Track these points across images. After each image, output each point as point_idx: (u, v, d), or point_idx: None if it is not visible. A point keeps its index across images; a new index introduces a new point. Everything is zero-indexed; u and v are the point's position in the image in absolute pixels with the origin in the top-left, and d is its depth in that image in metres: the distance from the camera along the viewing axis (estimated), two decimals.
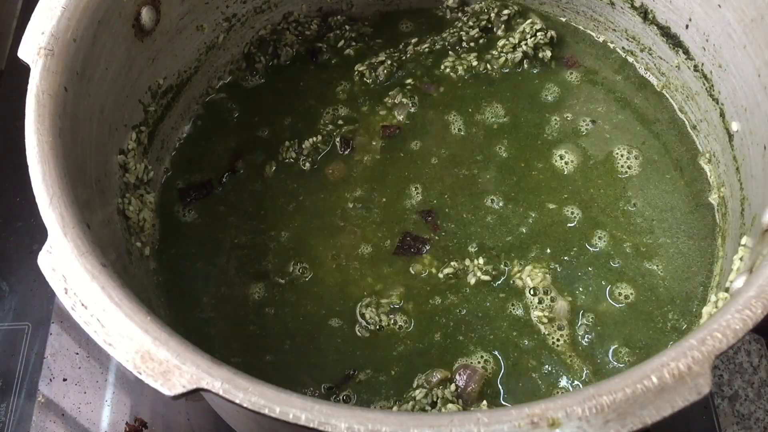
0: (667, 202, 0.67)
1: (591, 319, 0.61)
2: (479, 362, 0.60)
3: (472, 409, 0.57)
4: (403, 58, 0.77)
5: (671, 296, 0.62)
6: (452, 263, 0.64)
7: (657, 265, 0.63)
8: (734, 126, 0.62)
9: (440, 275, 0.63)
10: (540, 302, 0.62)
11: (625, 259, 0.64)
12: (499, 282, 0.63)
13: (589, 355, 0.60)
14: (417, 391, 0.57)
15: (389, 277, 0.64)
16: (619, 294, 0.62)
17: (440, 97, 0.74)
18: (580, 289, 0.62)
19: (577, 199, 0.67)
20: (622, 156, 0.69)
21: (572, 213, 0.66)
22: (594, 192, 0.67)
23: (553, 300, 0.62)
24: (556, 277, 0.63)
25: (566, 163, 0.69)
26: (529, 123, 0.72)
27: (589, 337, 0.60)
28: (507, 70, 0.75)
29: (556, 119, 0.72)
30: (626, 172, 0.69)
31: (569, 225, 0.66)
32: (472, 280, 0.63)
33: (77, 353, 0.72)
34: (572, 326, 0.61)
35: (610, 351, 0.60)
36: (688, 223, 0.66)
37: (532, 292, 0.62)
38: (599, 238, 0.65)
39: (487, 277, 0.63)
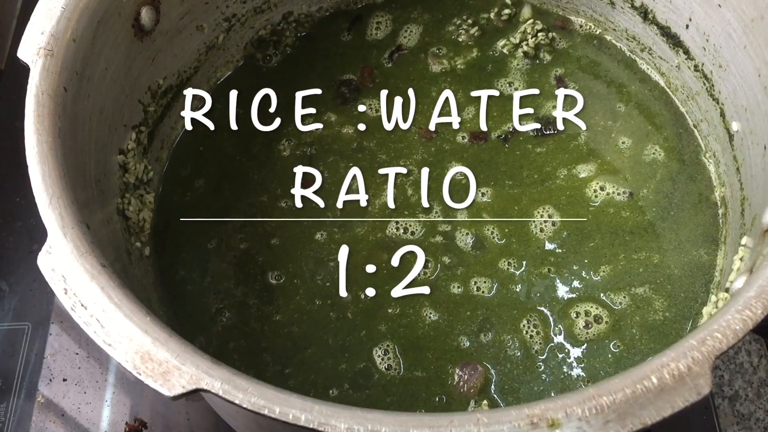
0: (669, 199, 0.66)
1: (591, 316, 0.61)
2: (479, 360, 0.60)
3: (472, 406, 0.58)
4: None
5: (672, 293, 0.62)
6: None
7: (658, 262, 0.63)
8: (734, 126, 0.62)
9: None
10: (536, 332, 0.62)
11: (626, 256, 0.64)
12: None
13: (588, 352, 0.60)
14: None
15: None
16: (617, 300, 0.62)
17: None
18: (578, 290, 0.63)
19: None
20: (620, 152, 0.69)
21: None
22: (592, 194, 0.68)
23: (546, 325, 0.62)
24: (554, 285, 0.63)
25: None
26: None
27: (588, 333, 0.60)
28: None
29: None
30: (624, 163, 0.68)
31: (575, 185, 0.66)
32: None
33: (77, 353, 0.72)
34: (570, 325, 0.61)
35: (610, 348, 0.60)
36: (690, 219, 0.66)
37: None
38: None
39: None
